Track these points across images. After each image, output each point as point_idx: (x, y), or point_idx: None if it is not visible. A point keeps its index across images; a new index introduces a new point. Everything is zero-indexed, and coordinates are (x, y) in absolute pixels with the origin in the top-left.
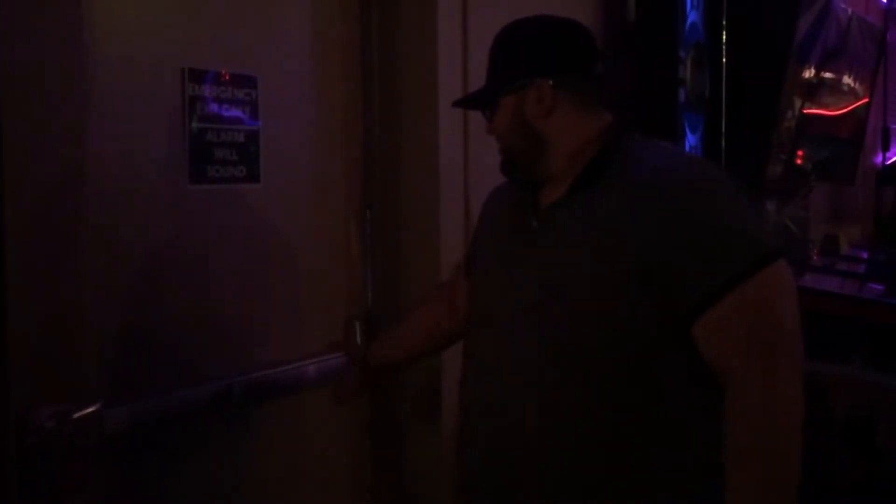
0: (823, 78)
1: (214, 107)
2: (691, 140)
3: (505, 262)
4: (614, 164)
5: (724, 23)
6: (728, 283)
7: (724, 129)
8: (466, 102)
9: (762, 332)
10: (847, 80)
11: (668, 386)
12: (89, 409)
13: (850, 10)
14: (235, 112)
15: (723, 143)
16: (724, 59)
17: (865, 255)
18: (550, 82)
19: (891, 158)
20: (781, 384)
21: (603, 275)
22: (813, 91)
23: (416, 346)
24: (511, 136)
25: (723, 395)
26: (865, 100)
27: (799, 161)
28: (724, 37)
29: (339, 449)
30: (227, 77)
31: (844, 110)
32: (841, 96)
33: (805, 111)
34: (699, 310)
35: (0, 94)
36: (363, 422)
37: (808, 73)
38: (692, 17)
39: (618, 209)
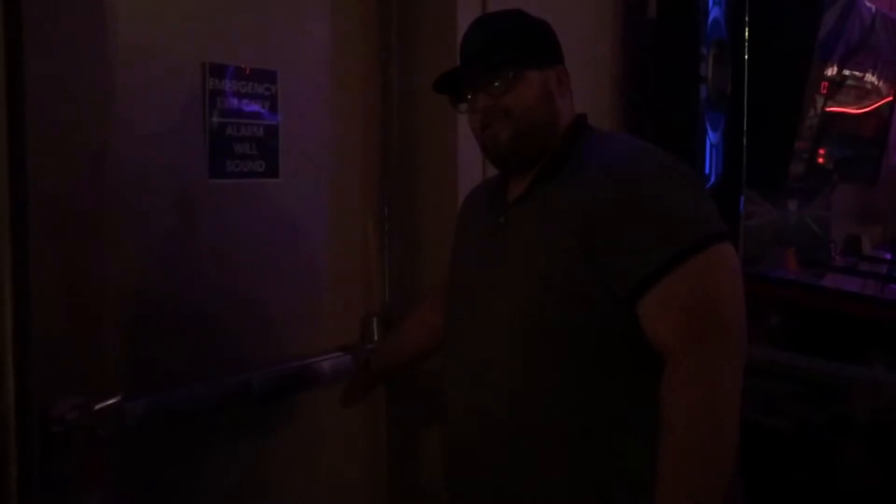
0: (846, 76)
1: (234, 101)
2: (713, 138)
3: (475, 259)
4: (573, 158)
5: (746, 19)
6: (667, 263)
7: (745, 128)
8: (476, 72)
9: (700, 312)
10: (870, 78)
11: (626, 370)
12: (110, 402)
13: (874, 8)
14: (255, 107)
15: (744, 142)
16: (746, 57)
17: (888, 256)
18: (566, 70)
19: None
20: (717, 365)
21: (553, 263)
22: (835, 89)
23: (413, 350)
24: (536, 109)
25: None
26: (889, 98)
27: (821, 160)
28: (746, 33)
29: (357, 444)
30: (248, 72)
31: (867, 109)
32: (864, 95)
33: (827, 109)
34: (641, 291)
35: (24, 90)
36: (380, 417)
37: (831, 71)
38: (714, 13)
39: (568, 199)
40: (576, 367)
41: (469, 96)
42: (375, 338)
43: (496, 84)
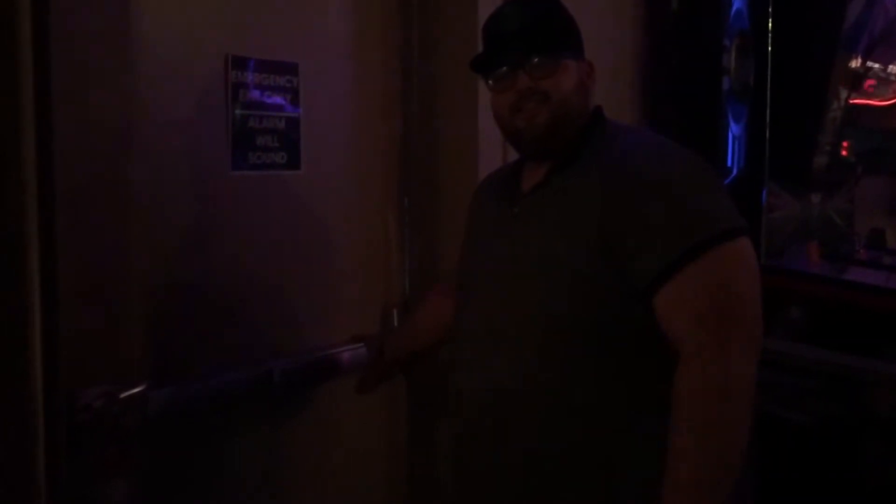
0: (870, 67)
1: (256, 93)
2: (735, 130)
3: (487, 250)
4: (590, 149)
5: (770, 10)
6: (685, 257)
7: (768, 120)
8: (518, 52)
9: (716, 307)
10: (895, 69)
11: (639, 364)
12: (135, 390)
13: None
14: (277, 99)
15: (767, 134)
16: (769, 48)
17: None
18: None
19: None
20: (732, 359)
21: (568, 254)
22: (859, 80)
23: (425, 338)
24: (572, 98)
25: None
26: None
27: (844, 152)
28: (770, 24)
29: (377, 433)
30: (270, 64)
31: (892, 101)
32: (889, 86)
33: (851, 101)
34: (658, 283)
35: (51, 83)
36: (400, 407)
37: (855, 63)
38: (737, 4)
39: (586, 190)
40: (589, 360)
41: (495, 78)
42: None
43: (538, 66)
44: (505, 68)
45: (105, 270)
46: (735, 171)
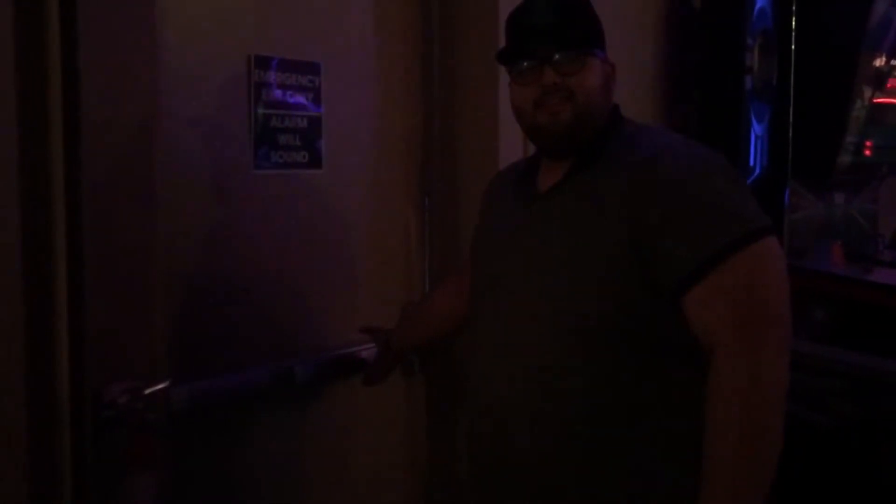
0: (895, 66)
1: (279, 93)
2: (758, 130)
3: (503, 249)
4: (611, 147)
5: (793, 8)
6: (716, 257)
7: (791, 119)
8: (548, 47)
9: (748, 308)
10: None
11: (662, 366)
12: (159, 387)
13: None
14: (299, 98)
15: (790, 133)
16: (793, 46)
17: None
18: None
19: None
20: (764, 360)
21: (592, 254)
22: (883, 79)
23: (432, 330)
24: (596, 97)
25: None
26: None
27: (867, 152)
28: (793, 23)
29: (396, 430)
30: (292, 63)
31: None
32: None
33: (875, 100)
34: (688, 284)
35: (79, 83)
36: (419, 404)
37: (880, 61)
38: (760, 2)
39: (612, 188)
40: (614, 362)
41: (519, 70)
42: None
43: (565, 62)
44: (529, 62)
45: (129, 268)
46: (758, 171)
